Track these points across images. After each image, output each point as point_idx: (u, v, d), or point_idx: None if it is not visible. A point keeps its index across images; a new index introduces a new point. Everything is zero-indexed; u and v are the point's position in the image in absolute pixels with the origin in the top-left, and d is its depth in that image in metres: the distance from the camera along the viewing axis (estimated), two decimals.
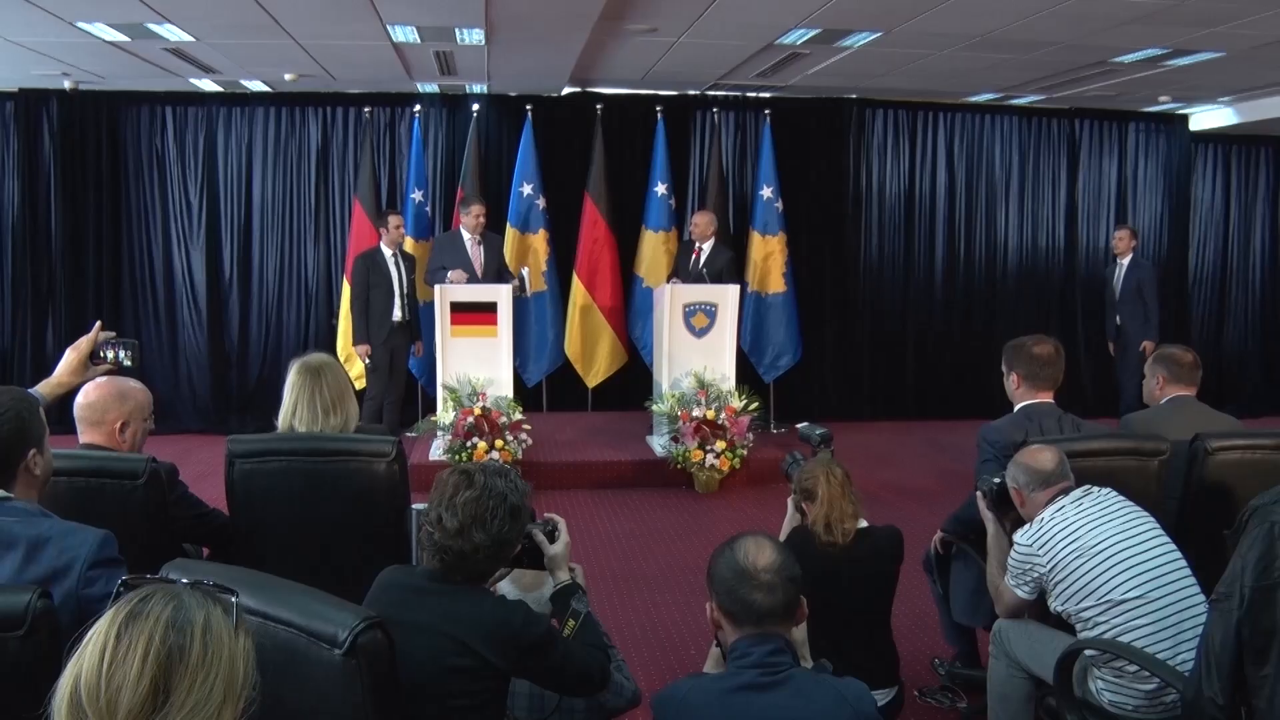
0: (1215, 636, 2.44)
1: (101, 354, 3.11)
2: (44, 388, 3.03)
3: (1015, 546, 3.29)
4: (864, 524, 3.65)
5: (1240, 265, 11.70)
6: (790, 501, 3.84)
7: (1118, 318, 9.23)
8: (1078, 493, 3.29)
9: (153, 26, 6.85)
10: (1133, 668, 2.94)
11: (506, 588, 2.78)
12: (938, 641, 4.78)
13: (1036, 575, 3.22)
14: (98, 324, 3.23)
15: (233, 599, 1.51)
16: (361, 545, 3.43)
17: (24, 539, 2.27)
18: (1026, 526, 3.30)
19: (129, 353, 3.11)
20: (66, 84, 9.16)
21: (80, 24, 6.77)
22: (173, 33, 7.03)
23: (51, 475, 2.58)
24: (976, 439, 4.18)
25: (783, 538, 3.83)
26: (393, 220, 8.34)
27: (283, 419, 3.72)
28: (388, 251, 8.26)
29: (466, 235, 8.37)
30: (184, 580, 1.50)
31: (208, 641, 1.41)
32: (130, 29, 6.93)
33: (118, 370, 3.15)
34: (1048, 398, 4.18)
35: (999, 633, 3.41)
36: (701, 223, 8.87)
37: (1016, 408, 4.21)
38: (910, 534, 3.87)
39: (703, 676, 2.28)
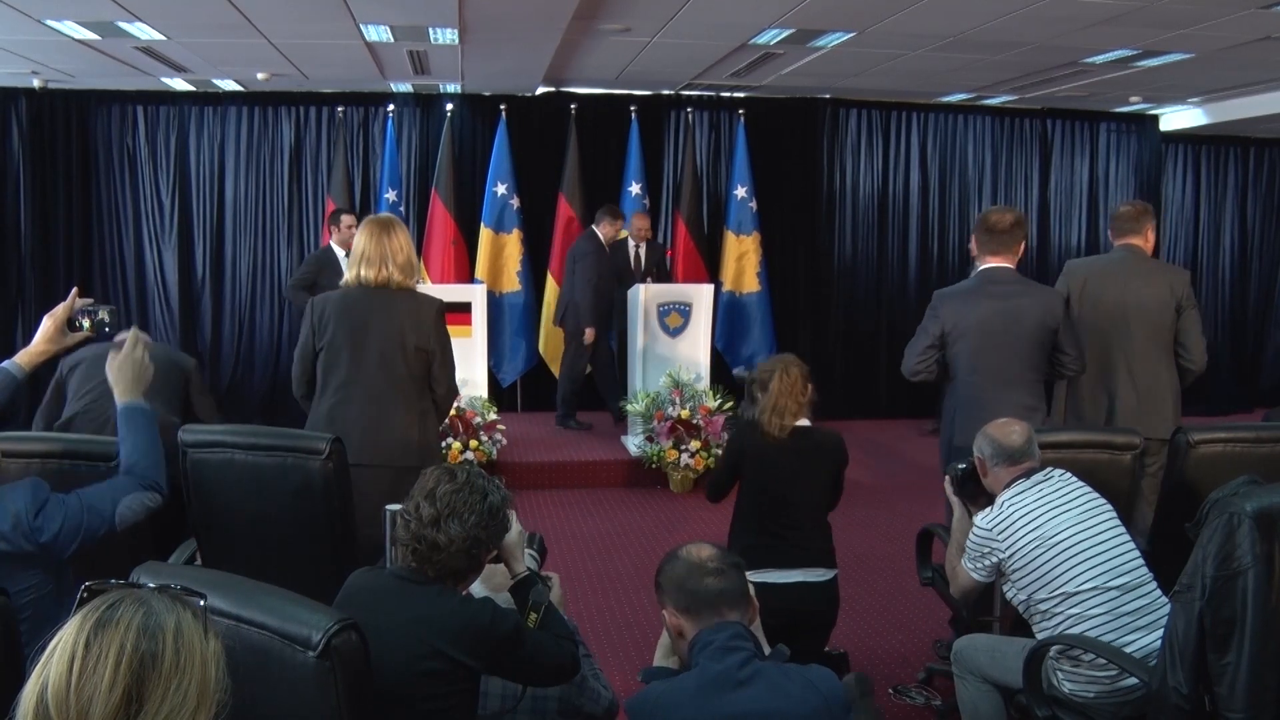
0: (1178, 627, 2.48)
1: (78, 321, 3.15)
2: (22, 357, 3.07)
3: (974, 529, 3.36)
4: (805, 423, 4.04)
5: (1210, 264, 11.81)
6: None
7: None
8: (1038, 476, 3.33)
9: (123, 25, 6.79)
10: (1088, 656, 2.98)
11: (474, 585, 2.78)
12: (923, 635, 4.82)
13: (994, 560, 3.29)
14: (74, 290, 3.26)
15: (201, 602, 1.50)
16: (302, 542, 3.44)
17: None
18: (988, 510, 3.36)
19: (106, 318, 3.16)
20: (35, 82, 9.08)
21: (49, 22, 6.70)
22: (143, 31, 6.97)
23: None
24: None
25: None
26: (345, 220, 8.16)
27: (348, 270, 4.05)
28: (339, 251, 8.06)
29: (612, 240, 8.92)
30: (151, 584, 1.48)
31: (179, 647, 1.38)
32: (100, 27, 6.87)
33: (96, 335, 3.20)
34: (1005, 261, 4.46)
35: (958, 654, 3.46)
36: (645, 225, 9.13)
37: (977, 270, 4.56)
38: (889, 529, 3.97)
39: (672, 678, 2.28)
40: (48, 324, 3.11)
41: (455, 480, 2.48)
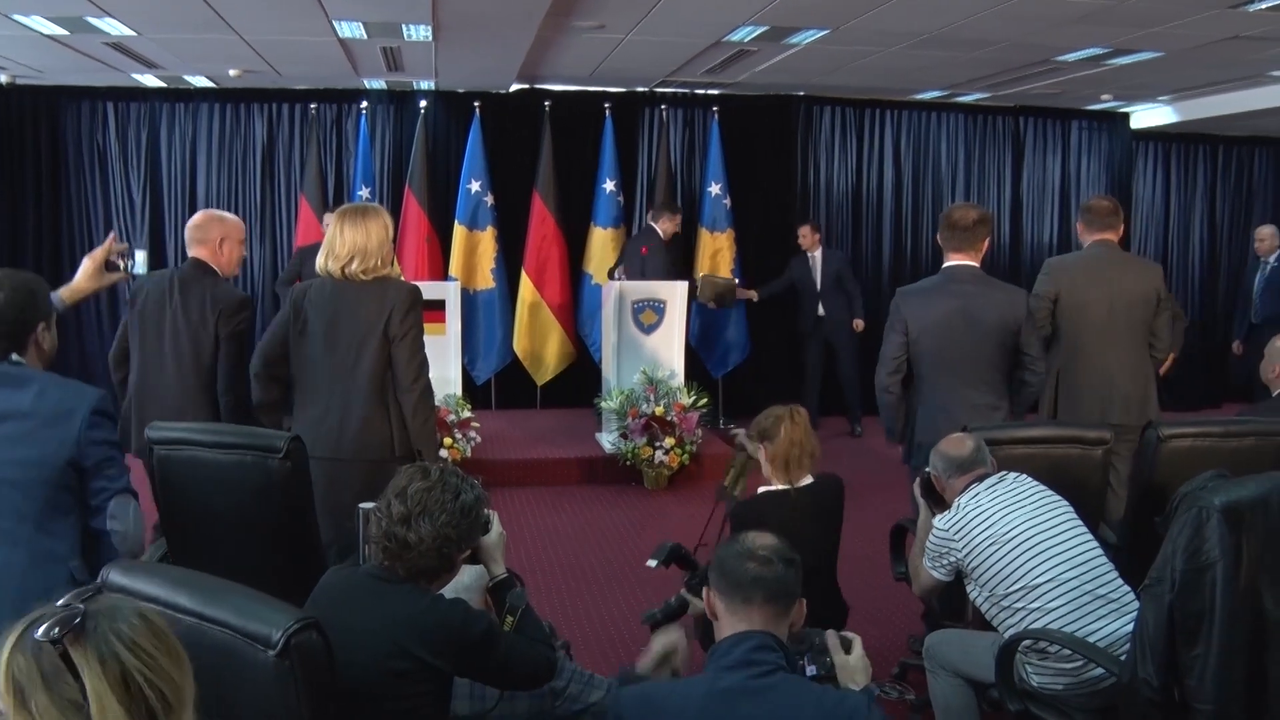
0: (1149, 620, 2.51)
1: (114, 263, 3.52)
2: (64, 292, 3.42)
3: (933, 531, 3.40)
4: (811, 478, 3.79)
5: (1180, 261, 11.91)
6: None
7: (820, 307, 9.61)
8: (992, 479, 3.37)
9: (92, 20, 6.73)
10: (1055, 649, 3.01)
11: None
12: (897, 631, 4.82)
13: (953, 560, 3.32)
14: (111, 234, 3.66)
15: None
16: (265, 540, 3.42)
17: (37, 381, 2.66)
18: (946, 513, 3.39)
19: (137, 262, 3.63)
20: (3, 78, 9.00)
21: (16, 17, 6.63)
22: (113, 27, 6.91)
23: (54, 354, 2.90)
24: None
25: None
26: (328, 218, 8.07)
27: (319, 259, 4.03)
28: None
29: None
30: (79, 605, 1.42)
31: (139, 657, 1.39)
32: (69, 22, 6.81)
33: (129, 278, 3.67)
34: (968, 259, 4.48)
35: (930, 649, 3.49)
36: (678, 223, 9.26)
37: (941, 268, 4.58)
38: (862, 525, 3.95)
39: (679, 681, 2.23)
40: (87, 264, 3.46)
41: (428, 478, 2.46)
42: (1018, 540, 3.15)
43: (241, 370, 4.26)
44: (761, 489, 3.84)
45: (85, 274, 3.44)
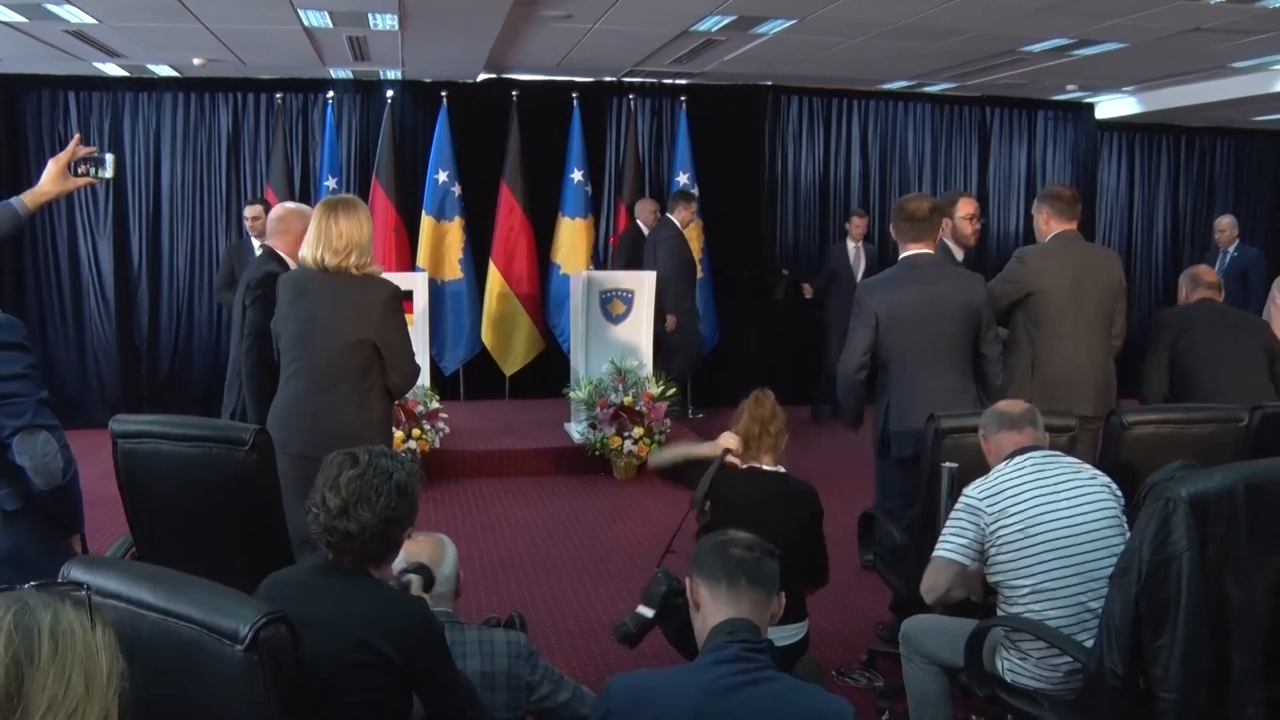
0: (1115, 610, 2.52)
1: (79, 168, 3.42)
2: (27, 196, 3.35)
3: (962, 497, 3.19)
4: (782, 469, 3.79)
5: (1144, 250, 12.04)
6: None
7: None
8: (1038, 456, 3.19)
9: (52, 7, 6.63)
10: (1038, 651, 3.00)
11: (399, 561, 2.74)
12: (865, 618, 4.85)
13: (976, 535, 3.12)
14: (75, 138, 3.54)
15: (83, 592, 1.44)
16: (232, 534, 3.39)
17: None
18: (979, 480, 3.21)
19: (106, 166, 3.46)
20: None
21: None
22: (73, 14, 6.81)
23: None
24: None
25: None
26: (247, 211, 8.06)
27: (301, 250, 3.97)
28: (255, 243, 7.68)
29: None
30: (30, 584, 1.43)
31: (57, 638, 1.33)
32: (28, 9, 6.70)
33: (96, 181, 3.52)
34: (924, 248, 4.56)
35: (905, 635, 3.46)
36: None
37: (900, 258, 4.63)
38: (830, 513, 3.93)
39: (677, 672, 2.23)
40: (52, 167, 3.38)
41: (358, 464, 2.43)
42: (1043, 538, 3.01)
43: (257, 334, 4.25)
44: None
45: (49, 177, 3.36)
